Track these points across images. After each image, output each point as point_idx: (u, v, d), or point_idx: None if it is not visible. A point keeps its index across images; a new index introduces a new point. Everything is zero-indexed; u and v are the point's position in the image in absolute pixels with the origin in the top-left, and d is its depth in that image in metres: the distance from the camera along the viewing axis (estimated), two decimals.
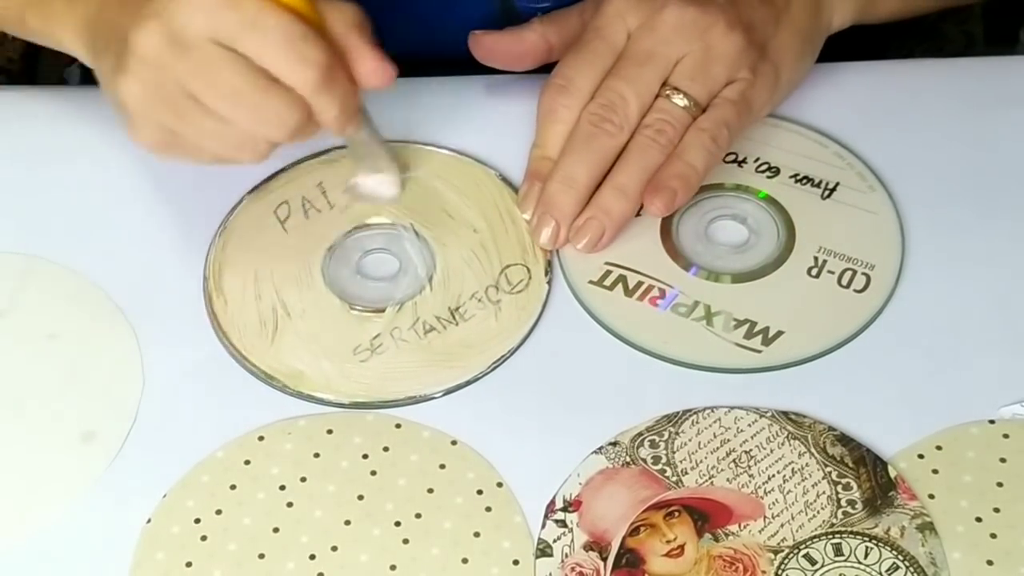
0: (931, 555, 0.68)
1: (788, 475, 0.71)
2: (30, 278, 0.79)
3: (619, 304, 0.78)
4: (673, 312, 0.77)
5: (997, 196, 0.82)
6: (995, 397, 0.73)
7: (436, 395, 0.74)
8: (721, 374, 0.75)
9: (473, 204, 0.82)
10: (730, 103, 0.79)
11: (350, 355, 0.76)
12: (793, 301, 0.78)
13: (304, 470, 0.71)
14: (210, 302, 0.78)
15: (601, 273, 0.79)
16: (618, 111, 0.78)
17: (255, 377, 0.75)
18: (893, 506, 0.69)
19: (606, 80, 0.79)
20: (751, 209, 0.81)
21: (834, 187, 0.82)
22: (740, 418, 0.73)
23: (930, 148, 0.84)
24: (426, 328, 0.77)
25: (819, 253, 0.79)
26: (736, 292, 0.78)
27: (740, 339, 0.76)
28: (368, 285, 0.79)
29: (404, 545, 0.69)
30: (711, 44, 0.79)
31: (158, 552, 0.69)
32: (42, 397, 0.75)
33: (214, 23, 0.68)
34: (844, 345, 0.76)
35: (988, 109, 0.85)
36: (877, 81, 0.87)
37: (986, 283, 0.78)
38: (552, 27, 0.84)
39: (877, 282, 0.78)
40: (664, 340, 0.76)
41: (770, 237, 0.80)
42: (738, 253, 0.80)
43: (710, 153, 0.78)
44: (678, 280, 0.78)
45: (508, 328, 0.77)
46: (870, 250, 0.79)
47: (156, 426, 0.74)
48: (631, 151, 0.78)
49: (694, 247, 0.80)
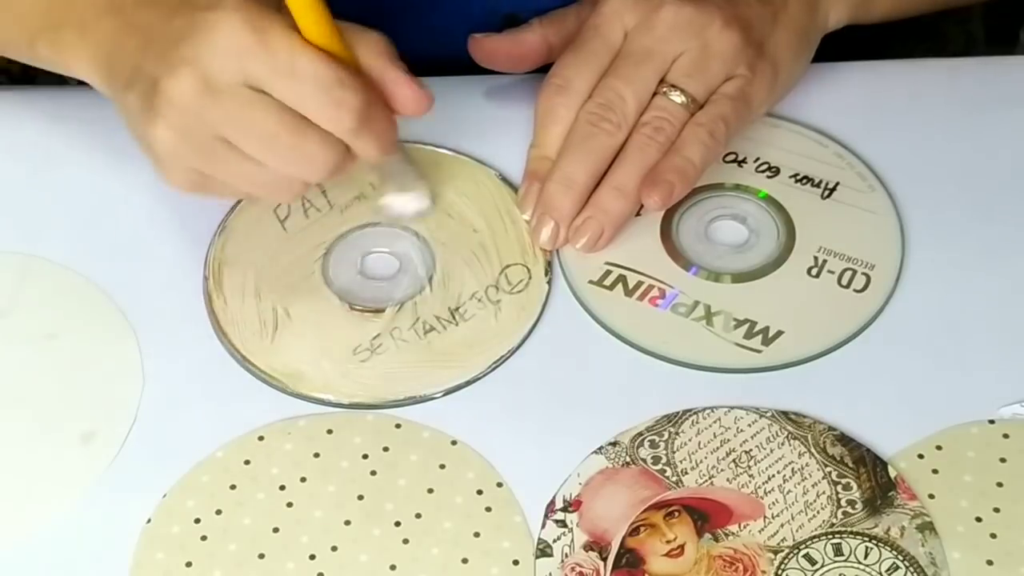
0: (931, 555, 0.68)
1: (788, 475, 0.71)
2: (30, 278, 0.79)
3: (619, 304, 0.78)
4: (673, 312, 0.77)
5: (997, 196, 0.81)
6: (995, 397, 0.73)
7: (436, 395, 0.74)
8: (721, 374, 0.75)
9: (473, 204, 0.82)
10: (728, 99, 0.79)
11: (350, 355, 0.76)
12: (793, 301, 0.78)
13: (304, 470, 0.71)
14: (210, 302, 0.78)
15: (601, 273, 0.79)
16: (616, 110, 0.78)
17: (255, 377, 0.75)
18: (893, 506, 0.69)
19: (604, 79, 0.79)
20: (751, 209, 0.81)
21: (834, 187, 0.82)
22: (740, 418, 0.73)
23: (930, 148, 0.84)
24: (426, 328, 0.77)
25: (819, 253, 0.79)
26: (736, 292, 0.78)
27: (740, 339, 0.76)
28: (368, 285, 0.79)
29: (404, 545, 0.69)
30: (708, 42, 0.79)
31: (158, 552, 0.69)
32: (42, 397, 0.75)
33: (247, 68, 0.67)
34: (844, 345, 0.76)
35: (988, 109, 0.85)
36: (877, 81, 0.87)
37: (986, 283, 0.78)
38: (551, 27, 0.84)
39: (877, 282, 0.78)
40: (664, 340, 0.76)
41: (770, 237, 0.80)
42: (738, 253, 0.80)
43: (707, 148, 0.78)
44: (678, 280, 0.78)
45: (508, 328, 0.77)
46: (870, 250, 0.79)
47: (156, 426, 0.74)
48: (629, 149, 0.78)
49: (694, 247, 0.80)
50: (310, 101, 0.68)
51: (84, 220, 0.82)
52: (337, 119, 0.68)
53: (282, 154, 0.69)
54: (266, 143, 0.69)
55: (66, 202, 0.82)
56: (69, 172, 0.84)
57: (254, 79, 0.67)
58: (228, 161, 0.70)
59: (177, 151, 0.70)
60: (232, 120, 0.68)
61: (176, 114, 0.68)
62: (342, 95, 0.68)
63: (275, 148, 0.69)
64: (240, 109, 0.68)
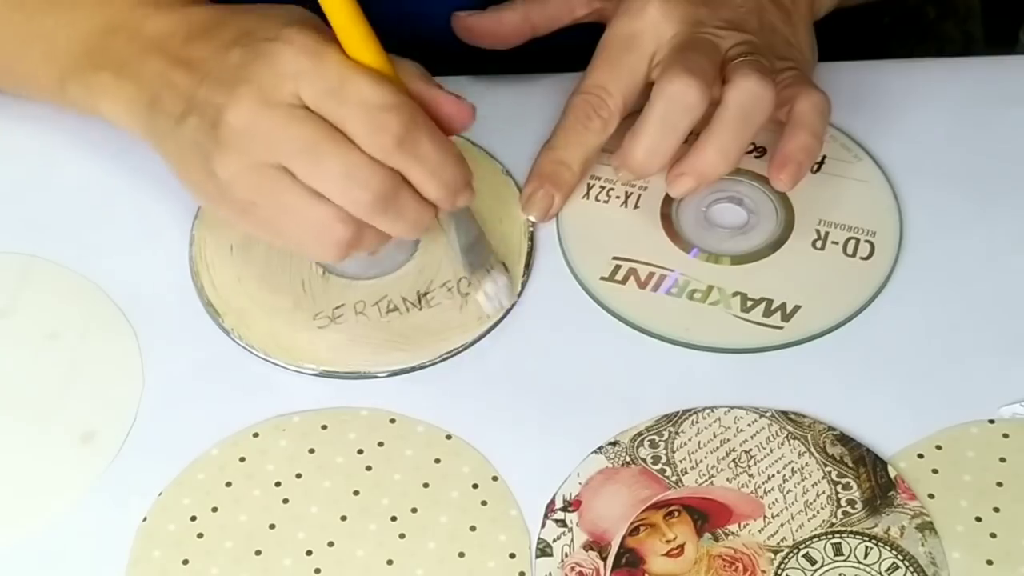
0: (931, 555, 0.67)
1: (788, 475, 0.71)
2: (30, 278, 0.79)
3: (634, 296, 0.77)
4: (689, 299, 0.77)
5: (997, 196, 0.81)
6: (995, 397, 0.73)
7: (380, 375, 0.75)
8: (746, 355, 0.75)
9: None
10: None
11: (310, 319, 0.76)
12: (804, 275, 0.78)
13: (299, 466, 0.71)
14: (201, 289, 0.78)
15: (611, 268, 0.78)
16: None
17: (236, 352, 0.76)
18: (893, 506, 0.69)
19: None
20: (745, 190, 0.81)
21: (822, 161, 0.82)
22: (740, 418, 0.73)
23: (930, 148, 0.84)
24: (390, 307, 0.77)
25: (820, 226, 0.80)
26: (746, 272, 0.78)
27: (760, 318, 0.76)
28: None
29: (400, 540, 0.69)
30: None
31: (155, 550, 0.69)
32: (42, 397, 0.75)
33: (302, 90, 0.68)
34: (862, 312, 0.76)
35: (988, 109, 0.85)
36: (877, 81, 0.87)
37: (986, 283, 0.78)
38: (534, 6, 0.84)
39: (881, 247, 0.79)
40: (686, 327, 0.76)
41: (769, 215, 0.81)
42: (741, 234, 0.80)
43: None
44: (686, 266, 0.78)
45: (470, 322, 0.77)
46: (869, 218, 0.80)
47: (155, 426, 0.73)
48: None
49: (697, 233, 0.80)
50: (355, 121, 0.68)
51: (84, 220, 0.82)
52: (380, 142, 0.68)
53: (331, 175, 0.68)
54: (313, 159, 0.68)
55: (66, 202, 0.83)
56: (69, 172, 0.84)
57: (308, 100, 0.68)
58: (283, 191, 0.69)
59: (238, 178, 0.69)
60: (285, 139, 0.68)
61: (239, 139, 0.68)
62: (385, 117, 0.67)
63: (322, 164, 0.68)
64: (292, 127, 0.68)
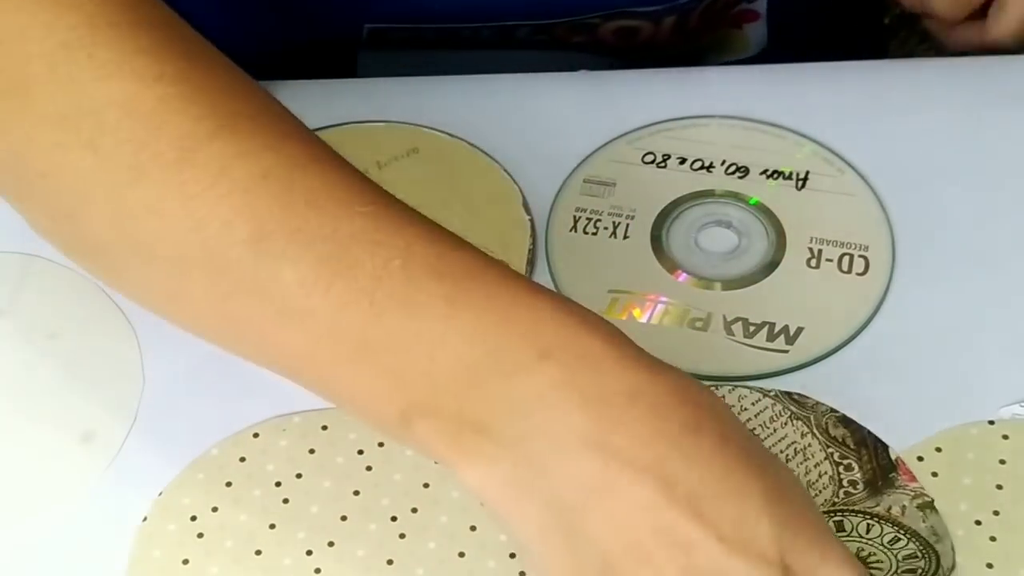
0: (932, 527, 0.68)
1: (791, 455, 0.71)
2: (30, 278, 0.79)
3: (635, 331, 0.73)
4: (691, 328, 0.76)
5: (996, 196, 0.81)
6: (995, 397, 0.73)
7: None
8: (758, 381, 0.73)
9: (465, 193, 0.81)
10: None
11: None
12: (802, 296, 0.77)
13: (299, 466, 0.71)
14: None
15: (608, 301, 0.77)
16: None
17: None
18: (894, 487, 0.69)
19: None
20: (733, 212, 0.81)
21: (805, 176, 0.82)
22: (744, 396, 0.72)
23: (929, 148, 0.83)
24: None
25: (812, 244, 0.79)
26: (742, 297, 0.77)
27: (764, 343, 0.75)
28: None
29: (401, 540, 0.69)
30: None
31: (154, 550, 0.69)
32: (42, 397, 0.75)
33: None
34: (865, 328, 0.75)
35: (988, 109, 0.85)
36: (877, 81, 0.87)
37: (987, 283, 0.77)
38: None
39: (875, 262, 0.78)
40: (694, 361, 0.74)
41: (760, 236, 0.80)
42: (734, 258, 0.79)
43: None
44: (682, 294, 0.77)
45: None
46: (859, 232, 0.79)
47: (155, 426, 0.74)
48: None
49: (687, 259, 0.79)
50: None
51: None
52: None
53: None
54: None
55: None
56: None
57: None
58: None
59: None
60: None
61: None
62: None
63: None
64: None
